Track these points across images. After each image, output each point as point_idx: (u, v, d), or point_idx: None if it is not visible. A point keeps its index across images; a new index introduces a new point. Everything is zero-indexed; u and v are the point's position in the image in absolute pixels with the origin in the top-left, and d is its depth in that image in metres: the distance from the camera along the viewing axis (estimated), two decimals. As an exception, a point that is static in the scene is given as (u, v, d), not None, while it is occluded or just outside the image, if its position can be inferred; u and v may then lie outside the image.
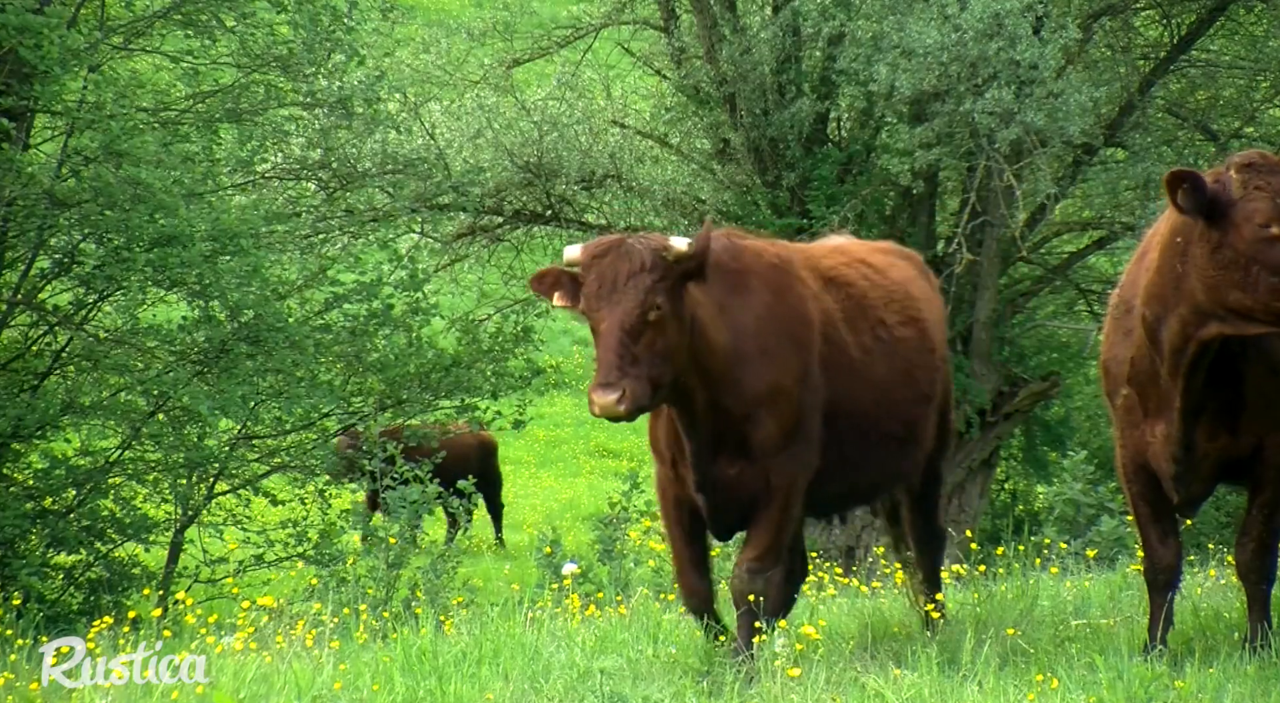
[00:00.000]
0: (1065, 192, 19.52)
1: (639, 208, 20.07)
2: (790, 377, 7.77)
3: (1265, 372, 7.79)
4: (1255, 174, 7.47)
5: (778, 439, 7.74)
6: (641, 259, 7.39)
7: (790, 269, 8.03)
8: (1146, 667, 7.49)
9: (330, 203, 17.78)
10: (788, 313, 7.87)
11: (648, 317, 7.33)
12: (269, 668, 7.80)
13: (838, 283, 8.23)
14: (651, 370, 7.32)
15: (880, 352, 8.23)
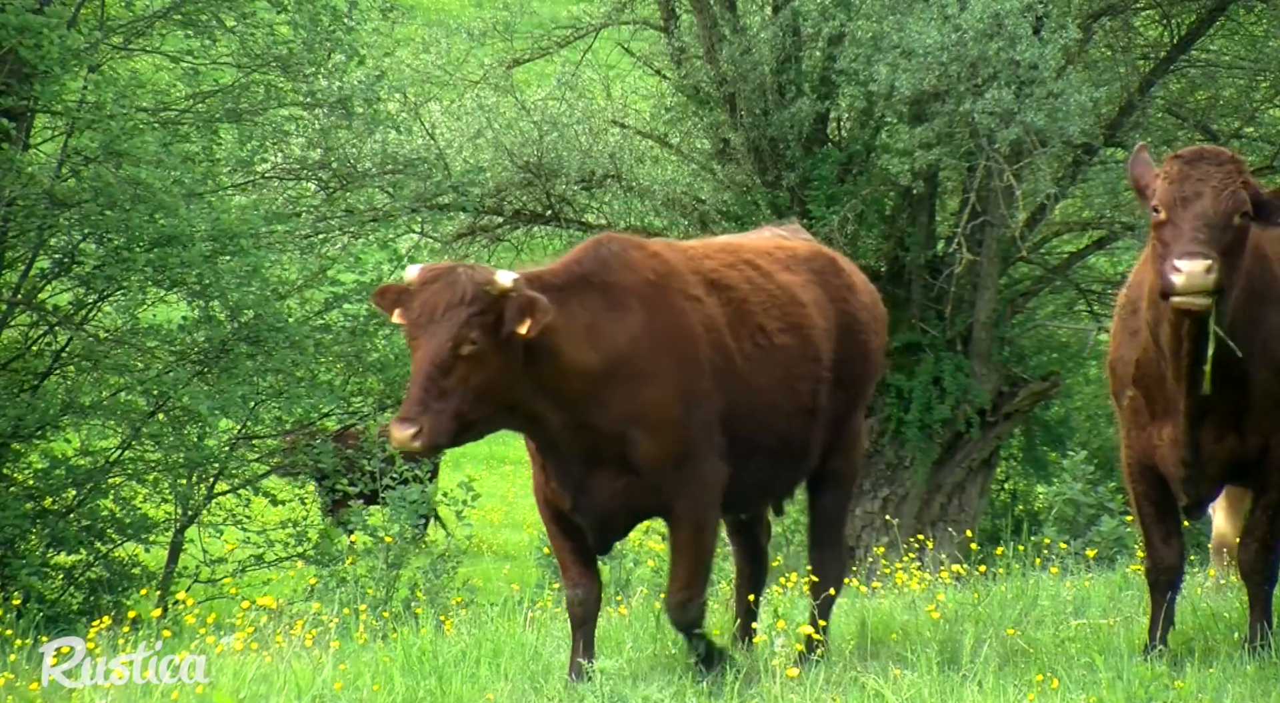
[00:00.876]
0: (1065, 192, 19.52)
1: (639, 208, 20.07)
2: (671, 396, 7.47)
3: (1271, 374, 7.79)
4: (1175, 163, 7.62)
5: (664, 458, 7.45)
6: (463, 291, 7.11)
7: (671, 281, 7.70)
8: (1146, 667, 7.49)
9: (330, 203, 17.78)
10: (668, 329, 7.57)
11: (460, 351, 7.05)
12: (269, 668, 7.80)
13: (719, 287, 7.90)
14: (461, 405, 7.06)
15: (759, 360, 7.89)
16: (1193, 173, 7.55)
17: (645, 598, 9.87)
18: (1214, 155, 7.66)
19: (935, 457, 19.12)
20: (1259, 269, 7.83)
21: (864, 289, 8.61)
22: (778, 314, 8.02)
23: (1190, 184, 7.52)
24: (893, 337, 19.09)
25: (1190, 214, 7.44)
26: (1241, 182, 7.52)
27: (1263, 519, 8.04)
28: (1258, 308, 7.79)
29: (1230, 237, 7.43)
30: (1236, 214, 7.46)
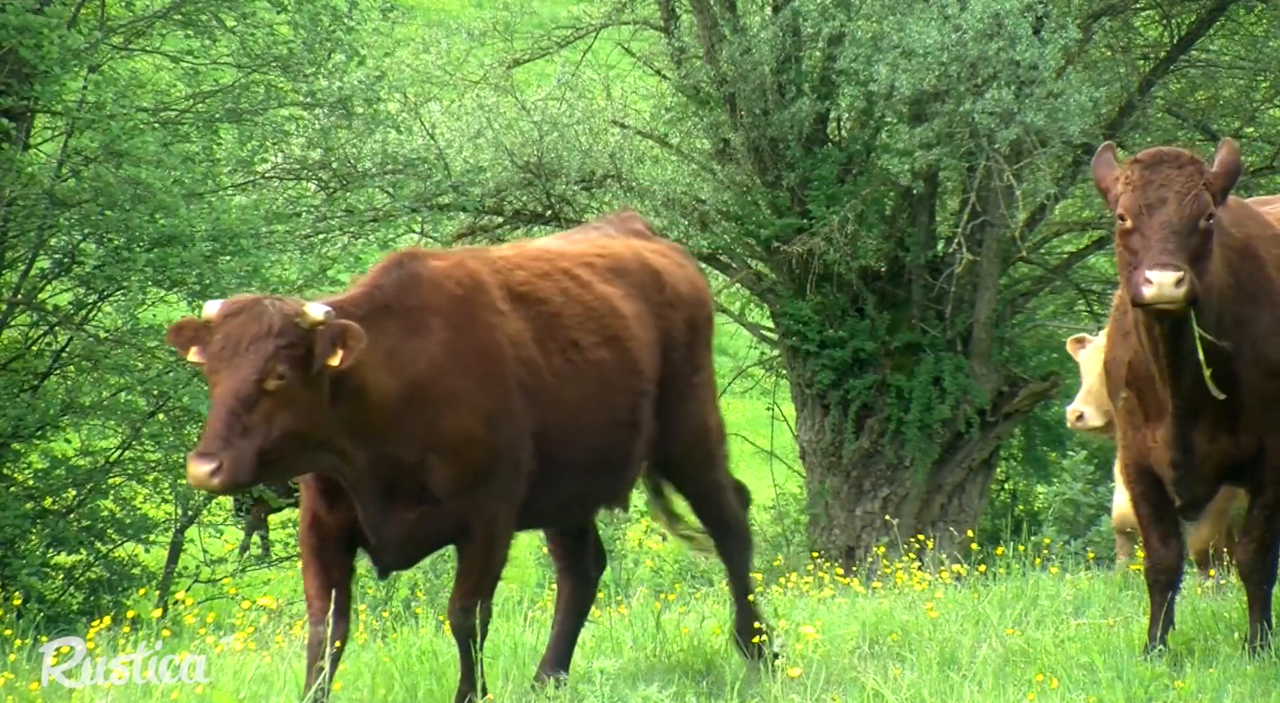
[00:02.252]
0: (1065, 191, 19.53)
1: (639, 208, 20.06)
2: (476, 418, 7.16)
3: (1262, 374, 7.78)
4: (1135, 168, 7.55)
5: (464, 481, 7.12)
6: (270, 323, 6.73)
7: (477, 296, 7.34)
8: (1146, 667, 7.49)
9: (330, 203, 17.78)
10: (473, 349, 7.24)
11: (265, 385, 6.67)
12: (269, 668, 7.80)
13: (529, 300, 7.53)
14: (265, 443, 6.68)
15: (571, 376, 7.51)
16: (1155, 178, 7.50)
17: (645, 598, 9.87)
18: (1174, 158, 7.59)
19: (935, 457, 19.13)
20: (1250, 270, 7.83)
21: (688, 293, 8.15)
22: (594, 327, 7.67)
23: (1154, 190, 7.47)
24: (893, 337, 19.10)
25: (1156, 222, 7.40)
26: (1204, 182, 7.48)
27: (1260, 519, 8.02)
28: (1248, 309, 7.78)
29: (1197, 241, 7.41)
30: (1202, 218, 7.43)
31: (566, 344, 7.54)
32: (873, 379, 19.14)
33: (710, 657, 8.19)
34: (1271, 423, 7.84)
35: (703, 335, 8.18)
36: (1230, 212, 7.87)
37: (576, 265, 7.84)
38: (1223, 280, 7.69)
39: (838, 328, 19.15)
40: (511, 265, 7.61)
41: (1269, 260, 7.92)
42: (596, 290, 7.77)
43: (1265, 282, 7.87)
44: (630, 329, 7.79)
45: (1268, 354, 7.77)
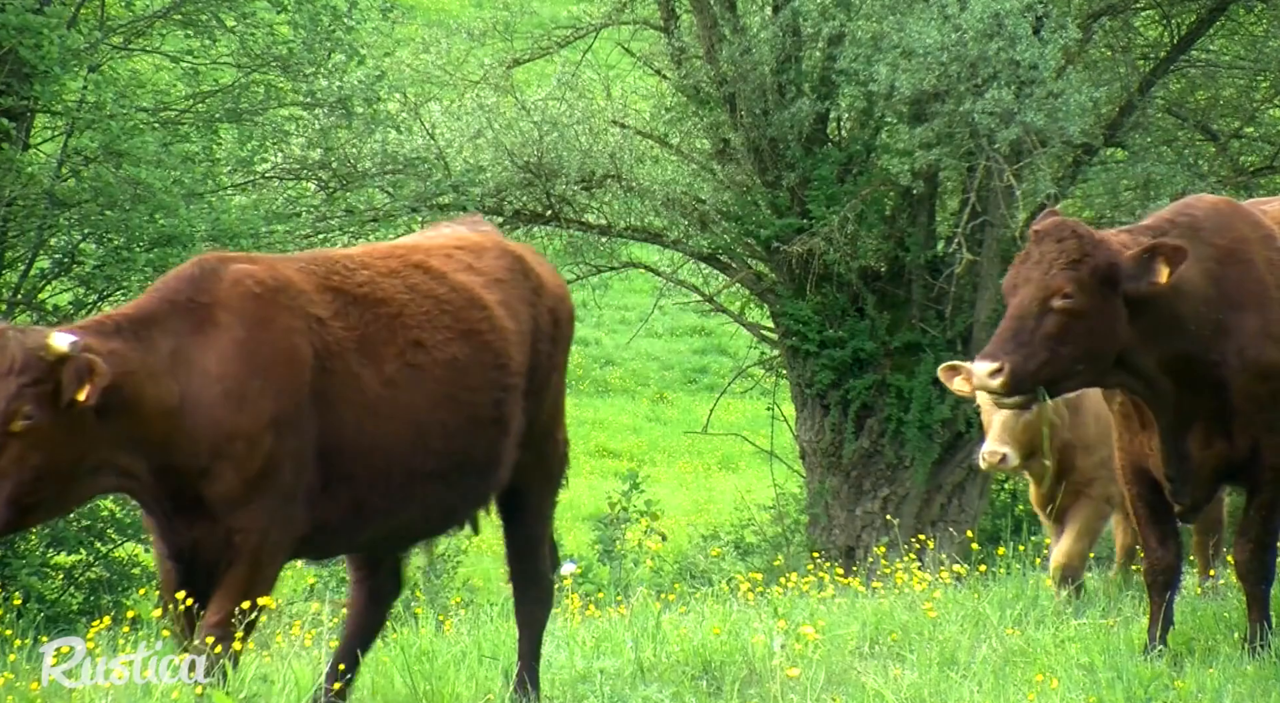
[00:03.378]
0: (1065, 191, 19.52)
1: (639, 208, 20.07)
2: (259, 422, 6.69)
3: (1251, 377, 7.78)
4: (1031, 238, 7.63)
5: (240, 492, 6.68)
6: (11, 358, 6.29)
7: (279, 297, 6.84)
8: (1146, 667, 7.49)
9: (330, 203, 17.78)
10: (265, 349, 6.76)
11: (11, 427, 6.24)
12: (269, 668, 7.79)
13: (365, 302, 7.05)
14: (18, 490, 6.28)
15: (411, 379, 7.03)
16: (1033, 254, 7.58)
17: (645, 598, 9.86)
18: (1057, 231, 7.58)
19: (935, 457, 19.12)
20: (1235, 275, 7.82)
21: (551, 288, 7.73)
22: (448, 322, 7.19)
23: (1024, 270, 7.58)
24: (893, 337, 19.11)
25: (1011, 305, 7.54)
26: (1077, 257, 7.47)
27: (1256, 519, 8.02)
28: (1232, 315, 7.78)
29: (1057, 322, 7.44)
30: (1055, 298, 7.44)
31: (409, 345, 7.06)
32: (873, 379, 19.14)
33: (710, 657, 8.18)
34: (1265, 424, 7.85)
35: (564, 332, 7.74)
36: (1217, 216, 7.90)
37: (431, 257, 7.41)
38: (1205, 292, 7.72)
39: (838, 328, 19.14)
40: (354, 267, 7.16)
41: (1260, 263, 7.91)
42: (452, 281, 7.33)
43: (1253, 285, 7.86)
44: (493, 320, 7.34)
45: (1257, 358, 7.77)
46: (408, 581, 7.89)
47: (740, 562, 18.44)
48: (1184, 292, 7.69)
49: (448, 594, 12.98)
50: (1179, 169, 19.42)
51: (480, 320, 7.28)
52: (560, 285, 7.80)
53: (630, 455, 28.37)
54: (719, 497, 25.67)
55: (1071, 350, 7.50)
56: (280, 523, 6.80)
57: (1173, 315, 7.68)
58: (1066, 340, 7.47)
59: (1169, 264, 7.49)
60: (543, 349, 7.53)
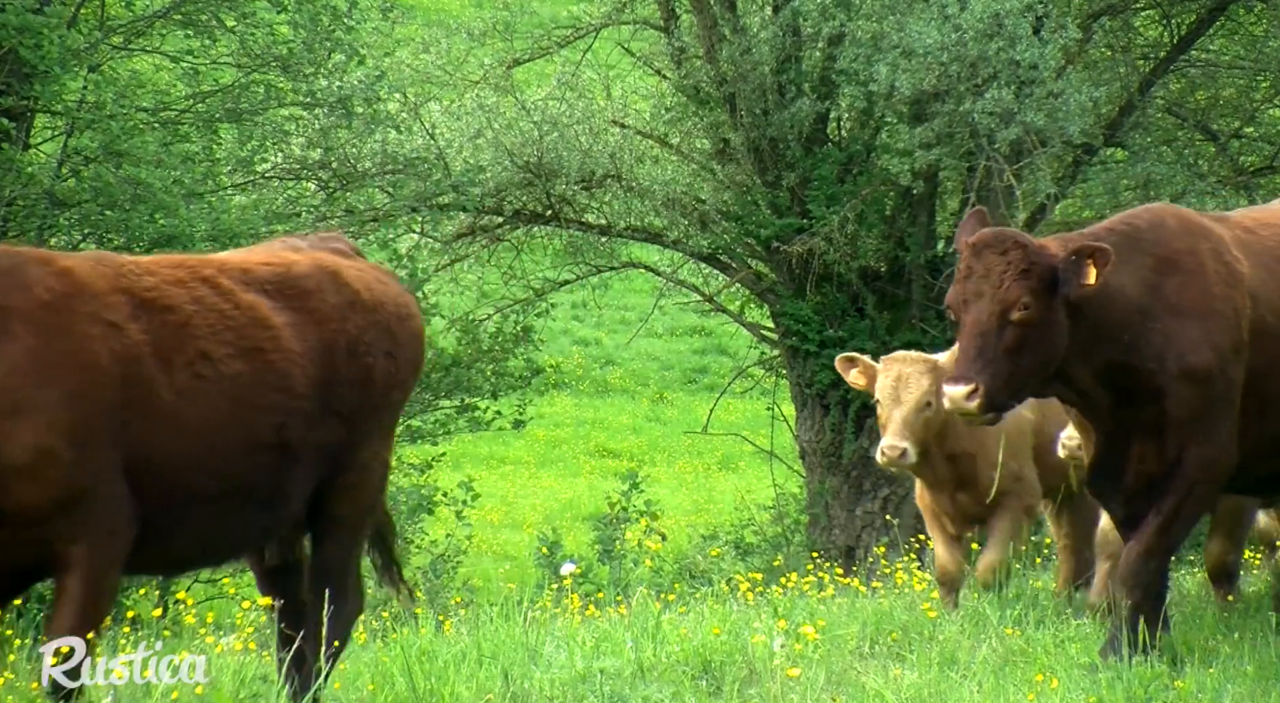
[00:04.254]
0: (1065, 191, 19.53)
1: (639, 208, 20.08)
2: (58, 434, 6.39)
3: (1188, 385, 7.69)
4: (965, 253, 7.55)
5: (46, 505, 6.40)
6: None
7: (74, 302, 6.54)
8: (1146, 667, 7.50)
9: (330, 203, 17.78)
10: (60, 358, 6.45)
11: None
12: (269, 668, 7.79)
13: (154, 307, 6.74)
14: None
15: (198, 393, 6.73)
16: (976, 267, 7.48)
17: (645, 598, 9.87)
18: (999, 242, 7.52)
19: (935, 457, 19.11)
20: (1177, 284, 7.73)
21: (377, 306, 7.31)
22: (231, 338, 6.84)
23: (973, 283, 7.48)
24: (893, 337, 19.09)
25: (968, 323, 7.45)
26: (1024, 267, 7.41)
27: (1156, 527, 7.82)
28: (1172, 323, 7.69)
29: (1014, 335, 7.40)
30: (1014, 309, 7.39)
31: (196, 357, 6.76)
32: (873, 379, 19.14)
33: (710, 657, 8.19)
34: (1194, 434, 7.74)
35: (404, 355, 7.39)
36: (1160, 226, 7.78)
37: (222, 273, 7.04)
38: (1140, 302, 7.64)
39: (838, 328, 19.15)
40: (140, 271, 6.84)
41: (1207, 273, 7.79)
42: (240, 298, 6.97)
43: (1197, 294, 7.74)
44: (280, 341, 6.97)
45: (1194, 365, 7.67)
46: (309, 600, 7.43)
47: (740, 562, 18.44)
48: (1116, 300, 7.59)
49: (448, 594, 12.98)
50: (1179, 169, 19.43)
51: (265, 340, 6.95)
52: (400, 306, 7.43)
53: (630, 455, 28.38)
54: (719, 497, 25.69)
55: (1030, 361, 7.46)
56: (104, 535, 6.54)
57: (1105, 324, 7.58)
58: (1026, 352, 7.43)
59: (1096, 266, 7.40)
60: (343, 369, 7.14)
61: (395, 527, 7.92)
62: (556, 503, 26.31)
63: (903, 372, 9.11)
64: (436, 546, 15.22)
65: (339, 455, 7.19)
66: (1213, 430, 7.76)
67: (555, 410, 30.19)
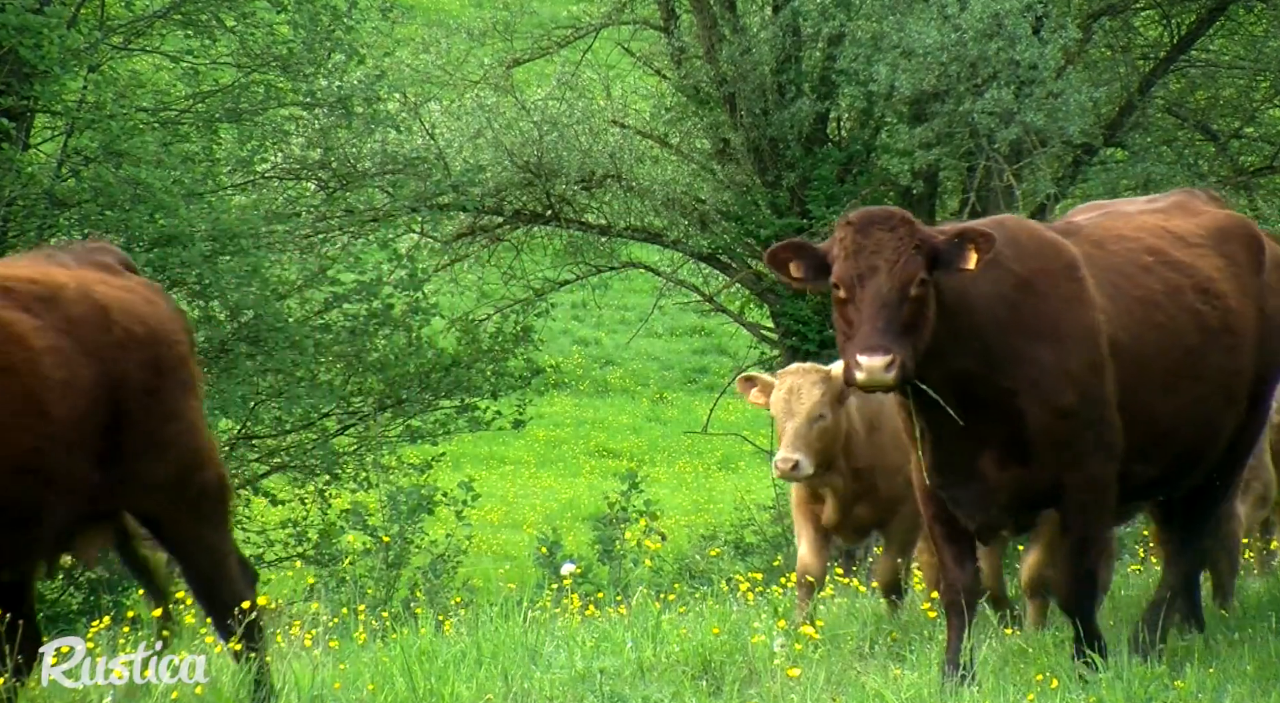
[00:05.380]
0: (1065, 191, 19.53)
1: (639, 208, 20.08)
2: None
3: (1046, 412, 7.48)
4: (848, 231, 7.31)
5: None
6: None
7: None
8: (1146, 667, 7.50)
9: (330, 203, 17.79)
10: None
11: None
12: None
13: None
14: None
15: None
16: (866, 243, 7.25)
17: (645, 598, 9.87)
18: (885, 219, 7.32)
19: (935, 457, 19.10)
20: (1033, 304, 7.53)
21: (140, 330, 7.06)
22: None
23: (865, 258, 7.23)
24: (893, 337, 19.09)
25: (868, 296, 7.19)
26: (915, 243, 7.24)
27: (1071, 554, 7.74)
28: (1028, 345, 7.48)
29: (911, 309, 7.19)
30: (913, 284, 7.19)
31: None
32: (873, 379, 19.13)
33: (710, 657, 8.19)
34: (1064, 461, 7.57)
35: (173, 379, 7.09)
36: (1016, 243, 7.57)
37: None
38: (999, 316, 7.45)
39: (838, 328, 19.14)
40: None
41: (1059, 295, 7.60)
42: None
43: (1049, 317, 7.55)
44: (34, 363, 6.67)
45: (1052, 394, 7.48)
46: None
47: (740, 562, 18.44)
48: (978, 310, 7.40)
49: (448, 594, 12.98)
50: (1179, 169, 19.45)
51: (19, 361, 6.67)
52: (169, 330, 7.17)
53: (630, 455, 28.37)
54: (719, 497, 25.69)
55: (920, 339, 7.24)
56: None
57: (962, 330, 7.37)
58: (920, 329, 7.23)
59: (979, 251, 7.24)
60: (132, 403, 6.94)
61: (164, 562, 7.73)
62: (556, 503, 26.30)
63: (795, 383, 8.87)
64: (436, 545, 15.20)
65: (149, 482, 7.07)
66: (1087, 453, 7.58)
67: (555, 410, 30.19)
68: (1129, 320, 7.77)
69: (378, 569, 14.20)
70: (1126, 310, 7.78)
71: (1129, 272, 7.89)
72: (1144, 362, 7.78)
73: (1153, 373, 7.81)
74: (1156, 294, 7.90)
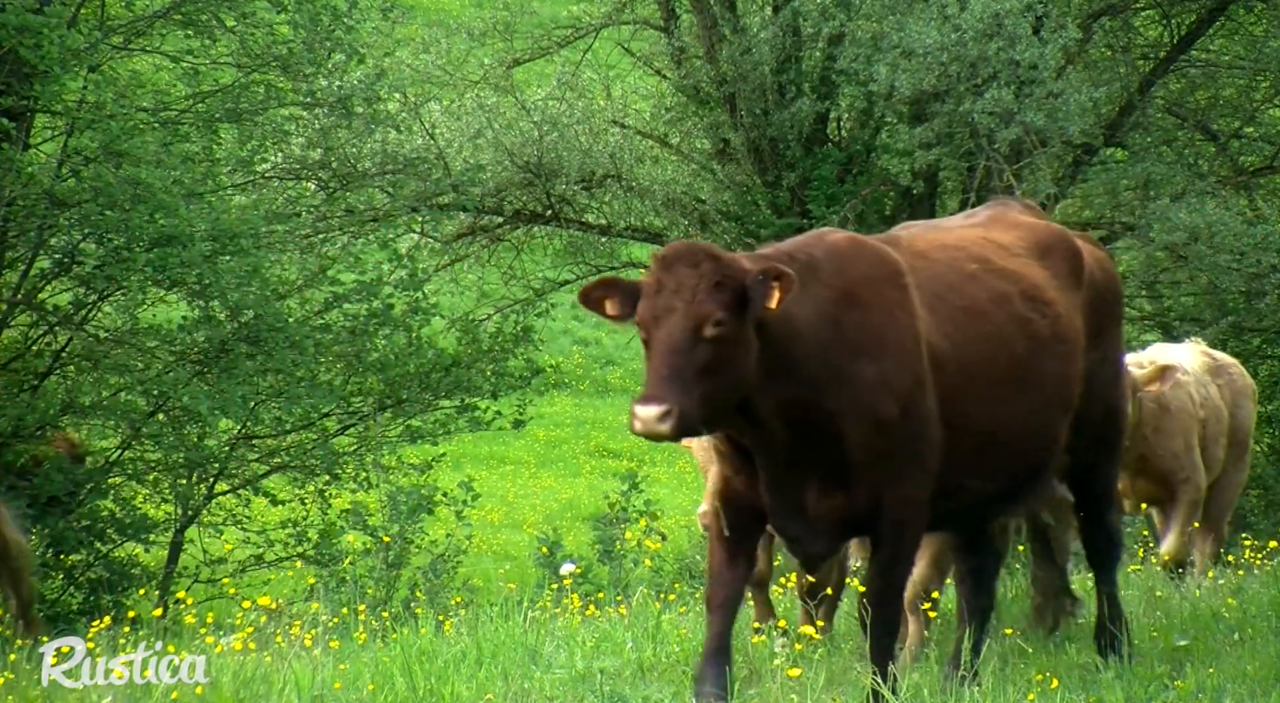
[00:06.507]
0: (1065, 191, 19.54)
1: (639, 208, 20.08)
2: None
3: (869, 428, 7.21)
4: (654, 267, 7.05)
5: None
6: None
7: None
8: (1146, 667, 7.50)
9: (330, 203, 17.78)
10: None
11: None
12: (268, 668, 7.80)
13: None
14: None
15: None
16: (667, 281, 6.96)
17: (645, 598, 9.87)
18: (690, 255, 7.00)
19: (935, 457, 19.10)
20: (855, 320, 7.25)
21: None
22: None
23: (664, 298, 6.94)
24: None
25: (659, 339, 6.92)
26: (716, 280, 6.91)
27: (878, 573, 7.45)
28: (850, 363, 7.20)
29: (708, 352, 6.87)
30: (708, 325, 6.86)
31: None
32: (873, 379, 19.13)
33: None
34: (885, 478, 7.29)
35: None
36: (836, 256, 7.33)
37: None
38: (824, 337, 7.18)
39: (838, 328, 19.15)
40: None
41: (882, 306, 7.35)
42: None
43: (872, 331, 7.29)
44: None
45: (874, 408, 7.20)
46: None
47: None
48: (800, 332, 7.12)
49: (448, 594, 12.98)
50: (1179, 169, 19.45)
51: None
52: None
53: (630, 455, 28.35)
54: (719, 497, 25.63)
55: (724, 382, 6.95)
56: None
57: (788, 356, 7.12)
58: (720, 371, 6.93)
59: (780, 290, 6.91)
60: None
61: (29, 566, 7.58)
62: (556, 503, 26.30)
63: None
64: (436, 545, 15.20)
65: None
66: (904, 471, 7.32)
67: (555, 410, 30.19)
68: (953, 330, 7.52)
69: (378, 569, 14.20)
70: (950, 320, 7.53)
71: (954, 281, 7.65)
72: (971, 372, 7.53)
73: (981, 383, 7.57)
74: (983, 302, 7.66)
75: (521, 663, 8.21)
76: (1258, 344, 21.62)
